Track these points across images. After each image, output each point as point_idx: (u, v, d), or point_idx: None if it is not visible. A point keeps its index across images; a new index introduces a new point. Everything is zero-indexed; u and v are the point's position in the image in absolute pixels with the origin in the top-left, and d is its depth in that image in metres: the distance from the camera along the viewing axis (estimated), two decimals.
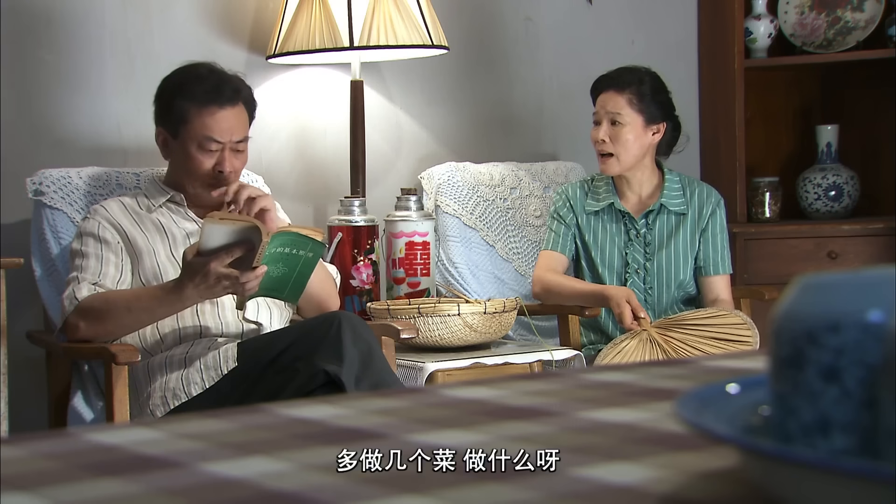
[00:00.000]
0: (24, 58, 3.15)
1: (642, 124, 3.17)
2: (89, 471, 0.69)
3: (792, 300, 0.61)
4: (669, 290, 3.21)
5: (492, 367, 2.94)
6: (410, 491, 0.62)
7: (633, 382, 0.96)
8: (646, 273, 3.21)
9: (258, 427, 0.81)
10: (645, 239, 3.22)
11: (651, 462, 0.68)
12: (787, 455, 0.56)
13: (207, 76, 2.70)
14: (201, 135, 2.66)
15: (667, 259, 3.21)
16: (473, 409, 0.85)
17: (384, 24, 3.18)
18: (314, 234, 2.51)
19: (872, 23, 4.11)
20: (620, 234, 3.23)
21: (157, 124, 2.74)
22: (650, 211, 3.22)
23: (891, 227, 3.91)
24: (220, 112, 2.66)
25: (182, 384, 2.52)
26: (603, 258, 3.23)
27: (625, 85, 3.17)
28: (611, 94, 3.18)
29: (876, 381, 0.57)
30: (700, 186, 3.28)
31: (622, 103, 3.16)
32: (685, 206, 3.23)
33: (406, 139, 3.73)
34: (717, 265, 3.23)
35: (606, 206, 3.23)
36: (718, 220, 3.24)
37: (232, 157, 2.68)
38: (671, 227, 3.22)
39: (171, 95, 2.70)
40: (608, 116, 3.16)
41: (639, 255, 3.21)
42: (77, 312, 2.54)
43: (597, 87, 3.23)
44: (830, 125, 4.17)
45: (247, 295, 2.48)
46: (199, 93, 2.66)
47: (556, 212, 3.29)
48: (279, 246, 2.42)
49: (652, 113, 3.18)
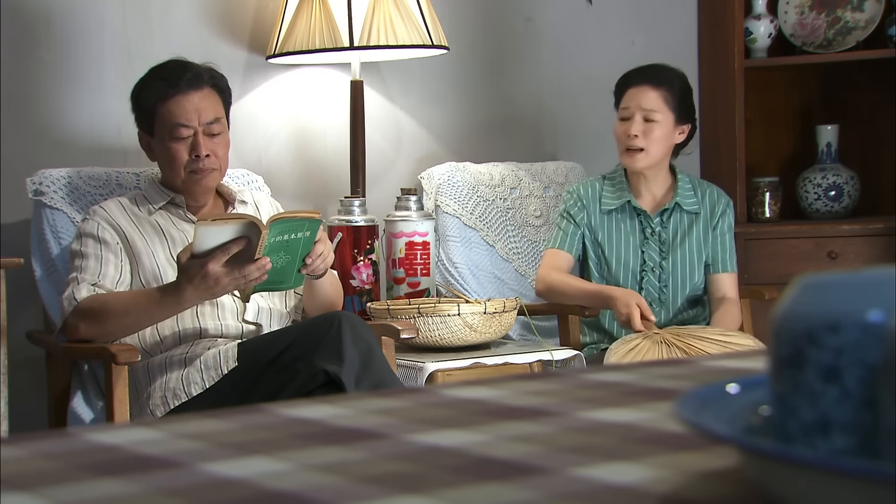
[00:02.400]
0: (24, 58, 3.15)
1: (673, 123, 3.16)
2: (89, 471, 0.69)
3: (792, 300, 0.61)
4: (685, 288, 3.21)
5: (492, 367, 2.94)
6: (410, 491, 0.62)
7: (633, 382, 0.96)
8: (661, 271, 3.20)
9: (258, 427, 0.81)
10: (660, 237, 3.22)
11: (651, 462, 0.68)
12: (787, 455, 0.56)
13: (171, 69, 2.71)
14: (170, 123, 2.67)
15: (682, 258, 3.21)
16: (473, 409, 0.85)
17: (384, 24, 3.18)
18: (309, 214, 2.50)
19: (872, 23, 4.11)
20: (636, 233, 3.23)
21: (137, 128, 2.76)
22: (665, 209, 3.22)
23: (891, 227, 3.91)
24: (184, 97, 2.67)
25: (182, 384, 2.52)
26: (619, 257, 3.22)
27: (661, 82, 3.16)
28: (645, 89, 3.15)
29: (876, 381, 0.57)
30: (710, 188, 3.29)
31: (658, 100, 3.14)
32: (698, 206, 3.24)
33: (406, 139, 3.73)
34: (726, 263, 3.24)
35: (622, 204, 3.22)
36: (727, 221, 3.26)
37: (207, 141, 2.68)
38: (685, 227, 3.23)
39: (139, 95, 2.73)
40: (641, 112, 3.14)
41: (655, 253, 3.21)
42: (76, 313, 2.54)
43: (626, 83, 3.20)
44: (830, 125, 4.17)
45: (252, 287, 2.47)
46: (161, 85, 2.68)
47: (566, 210, 3.27)
48: (277, 235, 2.41)
49: (682, 113, 3.18)
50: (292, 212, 2.55)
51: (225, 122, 2.74)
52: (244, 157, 3.42)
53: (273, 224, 2.40)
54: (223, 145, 2.71)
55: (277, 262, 2.45)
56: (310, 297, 2.74)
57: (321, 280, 2.64)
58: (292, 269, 2.50)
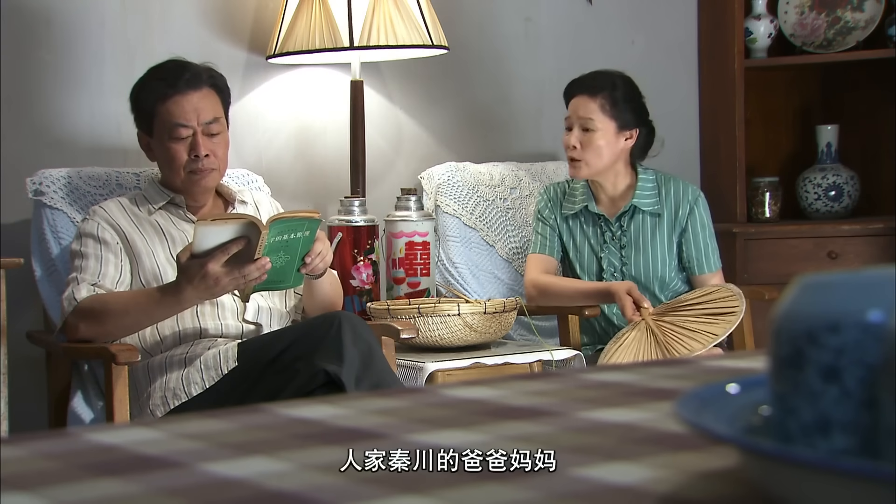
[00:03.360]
0: (24, 58, 3.15)
1: (615, 130, 3.13)
2: (89, 471, 0.69)
3: (792, 300, 0.61)
4: (650, 291, 3.18)
5: (492, 367, 2.94)
6: (410, 491, 0.62)
7: (633, 382, 0.96)
8: (623, 276, 3.18)
9: (258, 427, 0.81)
10: (620, 241, 3.20)
11: (651, 462, 0.68)
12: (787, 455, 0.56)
13: (169, 69, 2.71)
14: (169, 123, 2.67)
15: (644, 260, 3.18)
16: (473, 409, 0.85)
17: (384, 24, 3.18)
18: (309, 214, 2.50)
19: (872, 23, 4.11)
20: (596, 237, 3.22)
21: (137, 128, 2.76)
22: (623, 213, 3.20)
23: (891, 227, 3.90)
24: (182, 97, 2.67)
25: (182, 384, 2.52)
26: (581, 261, 3.22)
27: (597, 90, 3.13)
28: (583, 99, 3.14)
29: (876, 381, 0.57)
30: (676, 184, 3.22)
31: (594, 109, 3.12)
32: (659, 206, 3.19)
33: (406, 139, 3.73)
34: (703, 264, 3.20)
35: (581, 208, 3.22)
36: (698, 218, 3.18)
37: (206, 141, 2.68)
38: (647, 228, 3.19)
39: (137, 96, 2.73)
40: (580, 122, 3.13)
41: (614, 257, 3.19)
42: (76, 313, 2.54)
43: (569, 92, 3.19)
44: (830, 125, 4.17)
45: (252, 287, 2.47)
46: (160, 85, 2.68)
47: (539, 213, 3.28)
48: (276, 235, 2.42)
49: (625, 119, 3.14)
50: (292, 212, 2.55)
51: (224, 121, 2.73)
52: (244, 157, 3.42)
53: (273, 224, 2.40)
54: (222, 145, 2.71)
55: (277, 262, 2.45)
56: (309, 296, 2.74)
57: (320, 280, 2.64)
58: (292, 269, 2.50)
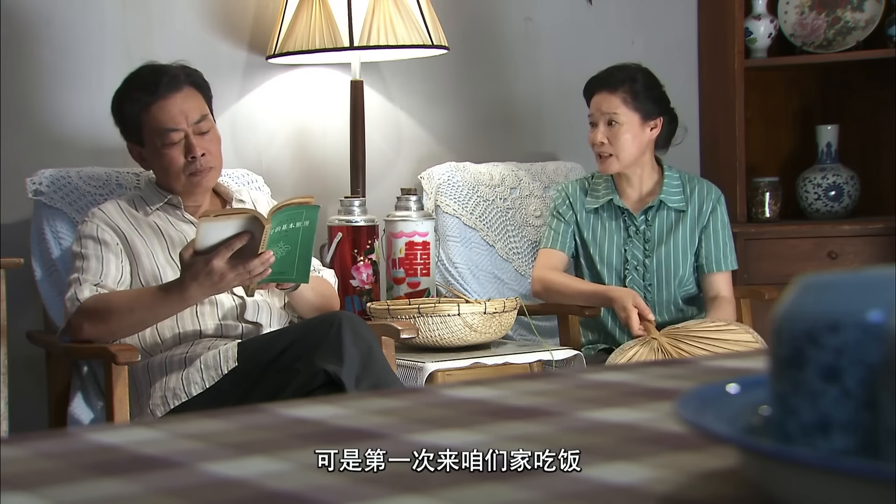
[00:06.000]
0: (24, 58, 3.15)
1: (639, 122, 3.16)
2: (89, 471, 0.69)
3: (792, 300, 0.61)
4: (669, 287, 3.20)
5: (492, 367, 2.94)
6: (410, 491, 0.62)
7: (633, 382, 0.96)
8: (645, 270, 3.20)
9: (258, 427, 0.81)
10: (644, 235, 3.22)
11: (651, 462, 0.68)
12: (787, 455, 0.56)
13: (145, 76, 2.70)
14: (159, 130, 2.66)
15: (666, 256, 3.20)
16: (473, 409, 0.85)
17: (384, 24, 3.18)
18: (304, 199, 2.50)
19: (872, 23, 4.11)
20: (619, 231, 3.23)
21: (125, 141, 2.75)
22: (649, 207, 3.21)
23: (891, 227, 3.91)
24: (166, 101, 2.66)
25: (182, 384, 2.52)
26: (602, 255, 3.23)
27: (617, 84, 3.16)
28: (604, 94, 3.17)
29: (876, 381, 0.57)
30: (700, 183, 3.26)
31: (617, 103, 3.15)
32: (684, 203, 3.22)
33: (406, 139, 3.73)
34: (719, 262, 3.22)
35: (605, 202, 3.23)
36: (719, 217, 3.23)
37: (199, 140, 2.67)
38: (670, 224, 3.22)
39: (120, 108, 2.72)
40: (604, 117, 3.16)
41: (638, 251, 3.21)
42: (79, 313, 2.54)
43: (589, 89, 3.22)
44: (830, 125, 4.17)
45: (257, 282, 2.47)
46: (141, 94, 2.67)
47: (555, 209, 3.29)
48: (277, 225, 2.42)
49: (647, 109, 3.17)
50: (287, 200, 2.54)
51: (211, 117, 2.73)
52: (244, 157, 3.42)
53: (273, 215, 2.40)
54: (215, 141, 2.71)
55: (278, 253, 2.45)
56: (296, 305, 2.75)
57: (298, 291, 2.65)
58: (293, 259, 2.50)
